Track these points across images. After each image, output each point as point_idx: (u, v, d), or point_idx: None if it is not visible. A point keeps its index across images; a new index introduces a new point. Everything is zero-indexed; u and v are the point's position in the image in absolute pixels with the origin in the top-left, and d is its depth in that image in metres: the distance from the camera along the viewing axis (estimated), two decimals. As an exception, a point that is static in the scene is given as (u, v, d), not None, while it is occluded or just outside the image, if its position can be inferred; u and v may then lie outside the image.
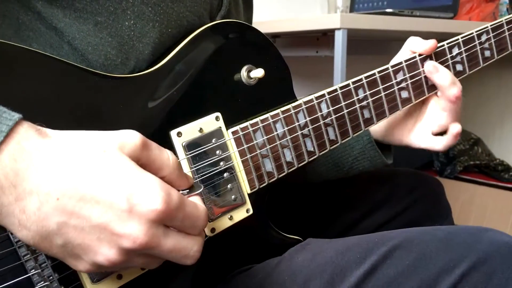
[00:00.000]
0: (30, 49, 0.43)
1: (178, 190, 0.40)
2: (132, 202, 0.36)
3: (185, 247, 0.39)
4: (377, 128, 0.74)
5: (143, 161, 0.39)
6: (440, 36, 0.76)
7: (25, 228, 0.36)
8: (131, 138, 0.39)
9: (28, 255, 0.41)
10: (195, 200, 0.42)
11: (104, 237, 0.36)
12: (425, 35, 0.74)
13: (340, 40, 1.19)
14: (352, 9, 1.84)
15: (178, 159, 0.50)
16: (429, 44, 0.68)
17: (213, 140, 0.53)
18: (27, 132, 0.36)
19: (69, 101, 0.45)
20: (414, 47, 0.69)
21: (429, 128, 0.71)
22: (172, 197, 0.38)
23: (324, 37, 1.36)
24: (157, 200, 0.36)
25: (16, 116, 0.36)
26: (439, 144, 0.70)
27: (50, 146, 0.36)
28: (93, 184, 0.36)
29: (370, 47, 1.66)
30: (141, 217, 0.36)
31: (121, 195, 0.36)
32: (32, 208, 0.35)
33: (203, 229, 0.41)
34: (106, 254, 0.37)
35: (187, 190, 0.43)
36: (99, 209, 0.36)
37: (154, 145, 0.40)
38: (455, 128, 0.68)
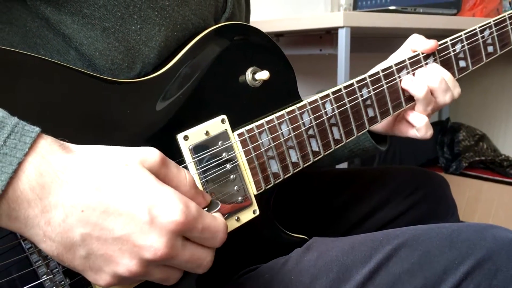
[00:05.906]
0: (37, 56, 0.44)
1: None
2: (153, 214, 0.37)
3: (200, 257, 0.41)
4: (381, 124, 0.74)
5: (161, 178, 0.40)
6: (444, 33, 0.76)
7: (50, 239, 0.37)
8: (152, 154, 0.40)
9: (40, 261, 0.42)
10: (215, 215, 0.43)
11: (126, 248, 0.37)
12: (429, 32, 0.75)
13: (343, 38, 1.19)
14: (355, 7, 1.84)
15: (187, 165, 0.51)
16: (430, 44, 0.68)
17: (219, 143, 0.53)
18: (51, 146, 0.37)
19: (77, 106, 0.46)
20: (415, 45, 0.70)
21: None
22: (191, 209, 0.39)
23: (328, 35, 1.36)
24: (176, 212, 0.38)
25: (37, 129, 0.37)
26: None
27: (74, 161, 0.38)
28: (116, 197, 0.37)
29: (373, 44, 1.66)
30: (162, 229, 0.37)
31: (143, 207, 0.37)
32: (58, 220, 0.36)
33: (222, 242, 0.42)
34: (127, 265, 0.38)
35: (206, 208, 0.44)
36: (122, 221, 0.37)
37: (172, 163, 0.42)
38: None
